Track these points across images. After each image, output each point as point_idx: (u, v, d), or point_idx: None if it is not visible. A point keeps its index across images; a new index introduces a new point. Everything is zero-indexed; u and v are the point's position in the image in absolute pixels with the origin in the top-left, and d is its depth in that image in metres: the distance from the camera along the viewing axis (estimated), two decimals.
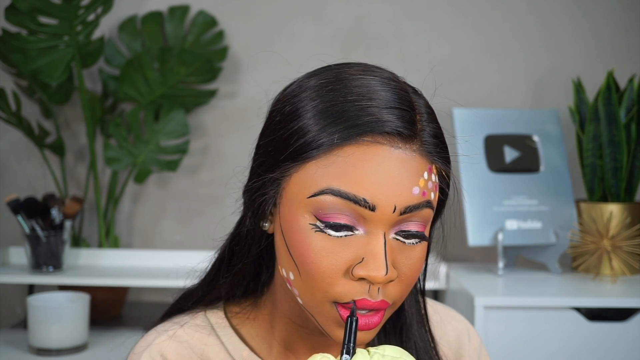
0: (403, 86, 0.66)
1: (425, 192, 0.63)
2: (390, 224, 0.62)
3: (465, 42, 1.85)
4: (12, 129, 1.85)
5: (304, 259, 0.62)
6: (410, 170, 0.62)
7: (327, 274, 0.62)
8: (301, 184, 0.63)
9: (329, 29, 1.86)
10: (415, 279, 0.65)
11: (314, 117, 0.63)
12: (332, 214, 0.61)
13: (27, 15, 1.57)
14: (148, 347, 0.73)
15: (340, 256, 0.62)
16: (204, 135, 1.88)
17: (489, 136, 1.58)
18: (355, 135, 0.61)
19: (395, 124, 0.61)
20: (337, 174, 0.61)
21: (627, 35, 1.83)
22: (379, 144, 0.61)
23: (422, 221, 0.64)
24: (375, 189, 0.60)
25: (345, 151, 0.61)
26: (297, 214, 0.63)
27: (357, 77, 0.64)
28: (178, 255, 1.72)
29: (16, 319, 1.86)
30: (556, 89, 1.83)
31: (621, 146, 1.50)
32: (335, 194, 0.61)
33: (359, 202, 0.60)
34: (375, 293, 0.62)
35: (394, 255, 0.63)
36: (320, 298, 0.63)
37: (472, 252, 1.78)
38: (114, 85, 1.80)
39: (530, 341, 1.33)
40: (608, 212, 1.50)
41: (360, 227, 0.62)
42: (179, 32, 1.83)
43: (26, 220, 1.60)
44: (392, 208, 0.61)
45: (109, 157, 1.73)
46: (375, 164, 0.61)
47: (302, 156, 0.63)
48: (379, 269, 0.61)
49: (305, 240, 0.62)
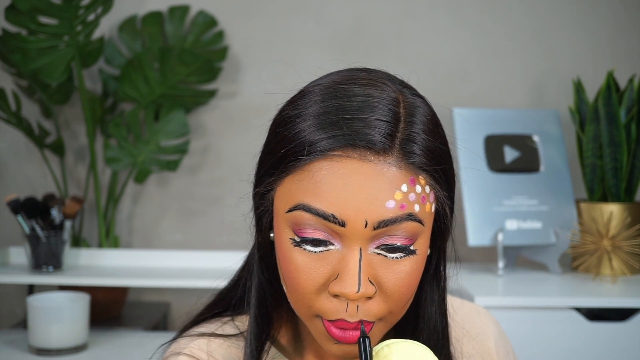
0: (394, 95, 0.63)
1: (405, 204, 0.60)
2: (366, 239, 0.60)
3: (465, 42, 1.85)
4: (12, 129, 1.85)
5: (287, 273, 0.63)
6: (383, 183, 0.59)
7: (306, 290, 0.62)
8: (281, 198, 0.63)
9: (329, 29, 1.86)
10: (405, 295, 0.62)
11: (292, 135, 0.62)
12: (307, 229, 0.61)
13: (27, 15, 1.57)
14: (179, 353, 0.72)
15: (318, 272, 0.61)
16: (204, 135, 1.88)
17: (489, 136, 1.58)
18: (326, 149, 0.60)
19: (366, 136, 0.59)
20: (307, 189, 0.60)
21: (627, 35, 1.83)
22: (349, 157, 0.59)
23: (406, 235, 0.61)
24: (344, 204, 0.59)
25: (315, 166, 0.60)
26: (280, 229, 0.63)
27: (349, 91, 0.63)
28: (178, 255, 1.72)
29: (16, 319, 1.86)
30: (556, 89, 1.83)
31: (621, 146, 1.50)
32: (306, 209, 0.60)
33: (328, 218, 0.59)
34: (353, 311, 0.61)
35: (374, 270, 0.61)
36: (305, 312, 0.63)
37: (472, 252, 1.78)
38: (114, 85, 1.80)
39: (530, 341, 1.33)
40: (608, 212, 1.50)
41: (336, 241, 0.61)
42: (179, 32, 1.83)
43: (26, 220, 1.60)
44: (363, 223, 0.59)
45: (109, 157, 1.73)
46: (344, 178, 0.59)
47: (280, 169, 0.62)
48: (352, 285, 0.59)
49: (287, 255, 0.62)
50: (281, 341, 0.74)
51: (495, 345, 0.81)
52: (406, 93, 0.64)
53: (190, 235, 1.89)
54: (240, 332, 0.73)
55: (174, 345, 0.74)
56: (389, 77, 0.66)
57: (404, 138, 0.61)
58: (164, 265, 1.72)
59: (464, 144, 1.56)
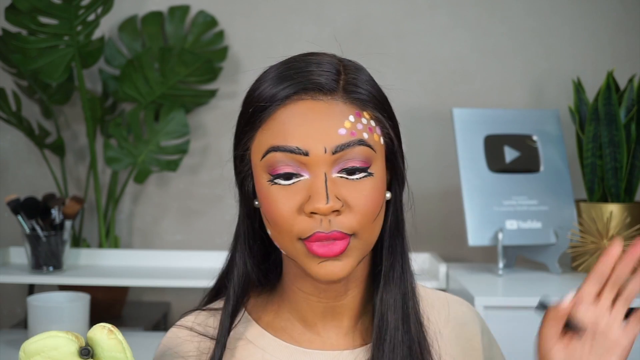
0: (336, 60, 0.77)
1: (355, 132, 0.72)
2: (328, 163, 0.72)
3: (465, 42, 1.85)
4: (12, 129, 1.85)
5: (269, 209, 0.74)
6: (334, 115, 0.72)
7: (285, 216, 0.72)
8: (255, 151, 0.76)
9: (329, 29, 1.86)
10: (370, 210, 0.73)
11: (257, 95, 0.76)
12: (279, 167, 0.73)
13: (27, 15, 1.57)
14: (172, 325, 0.86)
15: (293, 199, 0.72)
16: (204, 135, 1.88)
17: (489, 136, 1.58)
18: (284, 98, 0.73)
19: (315, 80, 0.73)
20: (274, 133, 0.73)
21: (627, 35, 1.83)
22: (303, 100, 0.73)
23: (361, 158, 0.73)
24: (305, 137, 0.72)
25: (278, 113, 0.74)
26: (259, 177, 0.75)
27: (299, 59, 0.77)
28: (178, 255, 1.72)
29: (16, 319, 1.86)
30: (556, 89, 1.83)
31: (621, 146, 1.50)
32: (276, 149, 0.73)
33: (294, 151, 0.72)
34: (327, 225, 0.71)
35: (338, 189, 0.72)
36: (289, 239, 0.73)
37: (472, 252, 1.78)
38: (114, 85, 1.80)
39: (530, 341, 1.32)
40: (608, 212, 1.50)
41: (304, 172, 0.72)
42: (179, 32, 1.83)
43: (26, 220, 1.60)
44: (323, 149, 0.71)
45: (109, 157, 1.73)
46: (301, 116, 0.72)
47: (251, 127, 0.75)
48: (321, 200, 0.70)
49: (267, 194, 0.74)
50: (266, 319, 0.83)
51: (481, 334, 0.87)
52: (344, 60, 0.79)
53: (190, 235, 1.89)
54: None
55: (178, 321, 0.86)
56: (331, 54, 0.80)
57: (346, 82, 0.75)
58: (164, 265, 1.72)
59: (464, 144, 1.56)
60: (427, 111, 1.82)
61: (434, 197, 1.82)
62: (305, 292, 0.80)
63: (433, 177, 1.83)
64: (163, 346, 0.84)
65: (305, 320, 0.81)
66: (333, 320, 0.81)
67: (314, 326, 0.81)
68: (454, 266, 1.63)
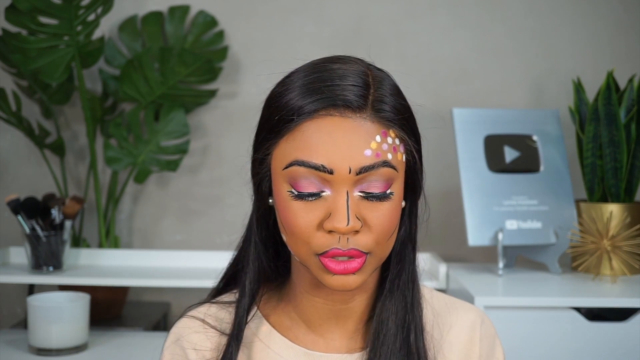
0: (363, 69, 0.76)
1: (380, 153, 0.73)
2: (351, 183, 0.72)
3: (465, 42, 1.85)
4: (12, 129, 1.85)
5: (287, 220, 0.74)
6: (360, 135, 0.72)
7: (304, 230, 0.73)
8: (278, 159, 0.75)
9: (329, 29, 1.86)
10: (387, 228, 0.74)
11: (283, 104, 0.74)
12: (302, 182, 0.73)
13: (27, 15, 1.57)
14: (183, 316, 0.86)
15: (313, 214, 0.73)
16: (204, 135, 1.88)
17: (489, 136, 1.58)
18: (312, 111, 0.72)
19: (344, 97, 0.72)
20: (300, 146, 0.73)
21: (627, 35, 1.83)
22: (331, 115, 0.72)
23: (383, 180, 0.73)
24: (331, 155, 0.72)
25: (304, 126, 0.73)
26: (279, 185, 0.75)
27: (327, 68, 0.75)
28: (178, 255, 1.72)
29: (16, 319, 1.86)
30: (556, 89, 1.83)
31: (621, 146, 1.51)
32: (300, 164, 0.72)
33: (319, 168, 0.72)
34: (344, 242, 0.72)
35: (360, 209, 0.73)
36: (305, 252, 0.74)
37: (472, 252, 1.78)
38: (114, 85, 1.80)
39: (530, 341, 1.33)
40: (608, 212, 1.50)
41: (326, 188, 0.73)
42: (179, 32, 1.83)
43: (26, 220, 1.60)
44: (347, 170, 0.72)
45: (109, 157, 1.73)
46: (328, 133, 0.72)
47: (275, 134, 0.75)
48: (342, 220, 0.71)
49: (286, 205, 0.74)
50: (274, 317, 0.84)
51: (479, 342, 0.85)
52: (372, 68, 0.78)
53: (190, 235, 1.89)
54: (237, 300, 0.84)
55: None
56: (358, 59, 0.79)
57: (374, 99, 0.74)
58: (164, 265, 1.72)
59: (464, 144, 1.56)
60: (427, 111, 1.81)
61: (434, 197, 1.82)
62: (311, 294, 0.81)
63: (433, 177, 1.82)
64: (174, 335, 0.85)
65: (309, 321, 0.82)
66: (338, 323, 0.82)
67: (319, 328, 0.82)
68: (454, 266, 1.63)
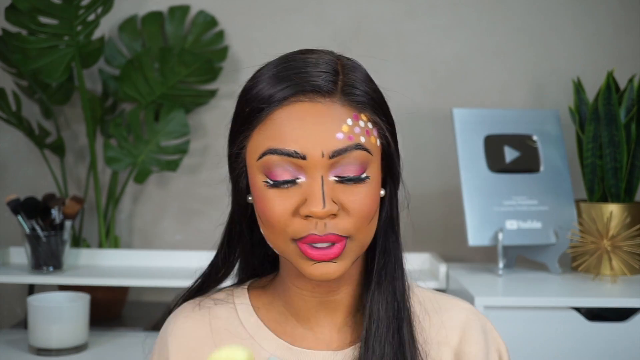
0: (333, 58, 0.77)
1: (352, 136, 0.72)
2: (325, 167, 0.72)
3: (465, 42, 1.85)
4: (12, 129, 1.85)
5: (263, 210, 0.74)
6: (331, 119, 0.72)
7: (280, 218, 0.72)
8: (252, 151, 0.75)
9: (329, 29, 1.86)
10: (365, 213, 0.73)
11: (254, 95, 0.75)
12: (276, 170, 0.72)
13: (27, 15, 1.57)
14: (176, 312, 0.90)
15: (289, 202, 0.72)
16: (204, 135, 1.88)
17: (489, 136, 1.58)
18: (281, 99, 0.73)
19: (312, 82, 0.73)
20: (271, 135, 0.73)
21: (627, 35, 1.83)
22: (301, 102, 0.73)
23: (358, 163, 0.73)
24: (303, 140, 0.71)
25: (275, 115, 0.73)
26: (254, 177, 0.75)
27: (296, 58, 0.77)
28: (178, 255, 1.72)
29: (16, 319, 1.86)
30: (556, 89, 1.83)
31: (621, 146, 1.50)
32: (272, 152, 0.72)
33: (292, 155, 0.71)
34: (322, 228, 0.71)
35: (336, 193, 0.72)
36: (282, 240, 0.74)
37: (472, 252, 1.78)
38: (114, 85, 1.80)
39: (530, 341, 1.33)
40: (608, 212, 1.50)
41: (301, 175, 0.72)
42: (179, 32, 1.83)
43: (26, 220, 1.60)
44: (320, 153, 0.71)
45: (109, 157, 1.73)
46: (299, 119, 0.72)
47: (247, 126, 0.75)
48: (318, 204, 0.70)
49: (262, 195, 0.74)
50: (263, 311, 0.84)
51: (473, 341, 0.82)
52: (342, 57, 0.79)
53: (190, 235, 1.89)
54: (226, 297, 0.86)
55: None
56: (328, 50, 0.80)
57: (343, 84, 0.74)
58: (164, 265, 1.72)
59: (464, 144, 1.56)
60: (427, 111, 1.82)
61: (434, 197, 1.82)
62: (298, 287, 0.80)
63: (433, 177, 1.83)
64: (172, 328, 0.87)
65: (298, 315, 0.81)
66: (327, 315, 0.81)
67: (307, 321, 0.81)
68: (454, 266, 1.63)
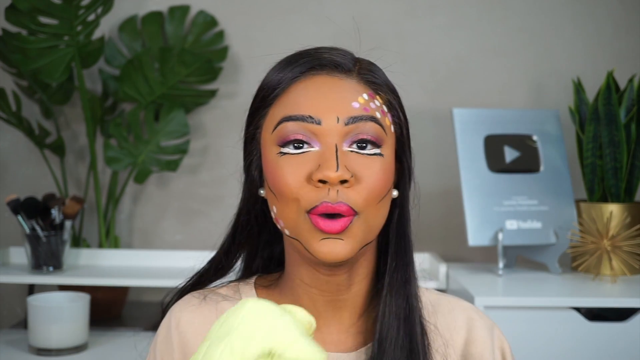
0: (351, 52, 0.79)
1: (367, 108, 0.73)
2: (340, 135, 0.72)
3: (465, 42, 1.85)
4: (12, 129, 1.85)
5: (276, 181, 0.73)
6: (348, 89, 0.74)
7: (293, 185, 0.71)
8: (267, 126, 0.75)
9: (329, 29, 1.85)
10: (377, 188, 0.72)
11: (269, 77, 0.77)
12: (290, 136, 0.72)
13: (27, 15, 1.57)
14: (179, 305, 0.87)
15: (302, 168, 0.72)
16: (204, 135, 1.88)
17: (489, 136, 1.58)
18: (299, 73, 0.75)
19: (333, 59, 0.75)
20: (288, 105, 0.74)
21: (627, 35, 1.83)
22: (318, 74, 0.75)
23: (373, 134, 0.73)
24: (318, 106, 0.72)
25: (293, 88, 0.75)
26: (268, 152, 0.75)
27: (312, 48, 0.79)
28: (178, 255, 1.71)
29: (16, 319, 1.86)
30: (556, 89, 1.83)
31: (621, 146, 1.51)
32: (288, 119, 0.73)
33: (306, 119, 0.72)
34: (334, 195, 0.70)
35: (349, 162, 0.72)
36: (295, 211, 0.72)
37: (472, 252, 1.77)
38: (114, 85, 1.80)
39: (530, 341, 1.33)
40: (608, 212, 1.50)
41: (315, 143, 0.72)
42: (179, 32, 1.83)
43: (26, 220, 1.60)
44: (335, 119, 0.72)
45: (109, 157, 1.73)
46: (315, 88, 0.74)
47: (264, 105, 0.76)
48: (331, 168, 0.70)
49: (275, 167, 0.73)
50: (273, 299, 0.81)
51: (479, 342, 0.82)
52: (361, 58, 0.80)
53: (190, 235, 1.89)
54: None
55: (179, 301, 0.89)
56: None
57: (362, 67, 0.77)
58: (164, 265, 1.72)
59: (464, 144, 1.56)
60: (427, 111, 1.82)
61: (434, 197, 1.82)
62: (307, 283, 0.79)
63: (433, 177, 1.83)
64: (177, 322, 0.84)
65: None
66: (334, 316, 0.80)
67: (315, 322, 0.80)
68: (454, 266, 1.63)
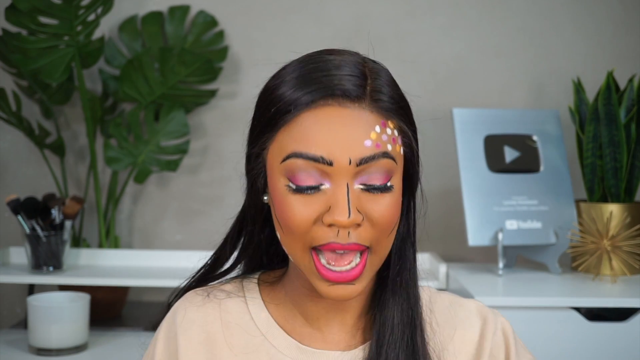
0: (359, 60, 0.75)
1: (379, 144, 0.71)
2: (351, 175, 0.70)
3: (465, 42, 1.85)
4: (12, 129, 1.85)
5: (283, 214, 0.72)
6: (360, 125, 0.70)
7: (301, 224, 0.70)
8: (274, 152, 0.73)
9: (329, 29, 1.86)
10: (388, 222, 0.71)
11: (279, 95, 0.72)
12: (300, 175, 0.70)
13: (27, 15, 1.57)
14: (184, 302, 0.84)
15: (312, 208, 0.70)
16: (204, 135, 1.88)
17: (489, 136, 1.58)
18: (309, 102, 0.70)
19: (342, 87, 0.71)
20: (297, 138, 0.70)
21: (627, 35, 1.83)
22: (329, 105, 0.70)
23: (383, 171, 0.71)
24: (330, 146, 0.69)
25: (302, 118, 0.71)
26: (275, 179, 0.73)
27: (322, 59, 0.75)
28: (178, 255, 1.72)
29: (16, 319, 1.86)
30: (556, 89, 1.83)
31: (621, 146, 1.51)
32: (298, 156, 0.70)
33: (318, 160, 0.69)
34: (344, 236, 0.70)
35: (360, 202, 0.70)
36: (300, 248, 0.72)
37: (472, 252, 1.78)
38: (114, 85, 1.80)
39: (530, 341, 1.32)
40: (608, 212, 1.50)
41: (325, 181, 0.70)
42: (179, 32, 1.83)
43: (26, 220, 1.60)
44: (347, 161, 0.69)
45: (109, 157, 1.73)
46: (327, 124, 0.70)
47: (271, 128, 0.73)
48: (343, 213, 0.68)
49: (283, 200, 0.71)
50: (276, 309, 0.82)
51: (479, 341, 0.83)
52: (367, 60, 0.76)
53: (190, 235, 1.89)
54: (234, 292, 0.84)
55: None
56: (353, 51, 0.79)
57: (372, 89, 0.72)
58: (164, 265, 1.72)
59: (464, 144, 1.56)
60: (427, 111, 1.81)
61: (434, 197, 1.82)
62: (308, 289, 0.78)
63: (433, 177, 1.82)
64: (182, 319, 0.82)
65: (307, 314, 0.80)
66: (336, 317, 0.80)
67: (316, 321, 0.80)
68: (454, 266, 1.63)
